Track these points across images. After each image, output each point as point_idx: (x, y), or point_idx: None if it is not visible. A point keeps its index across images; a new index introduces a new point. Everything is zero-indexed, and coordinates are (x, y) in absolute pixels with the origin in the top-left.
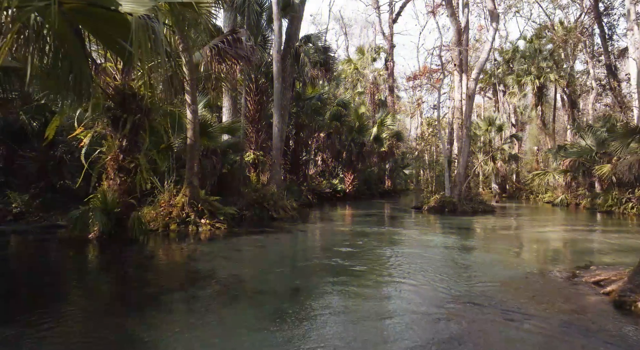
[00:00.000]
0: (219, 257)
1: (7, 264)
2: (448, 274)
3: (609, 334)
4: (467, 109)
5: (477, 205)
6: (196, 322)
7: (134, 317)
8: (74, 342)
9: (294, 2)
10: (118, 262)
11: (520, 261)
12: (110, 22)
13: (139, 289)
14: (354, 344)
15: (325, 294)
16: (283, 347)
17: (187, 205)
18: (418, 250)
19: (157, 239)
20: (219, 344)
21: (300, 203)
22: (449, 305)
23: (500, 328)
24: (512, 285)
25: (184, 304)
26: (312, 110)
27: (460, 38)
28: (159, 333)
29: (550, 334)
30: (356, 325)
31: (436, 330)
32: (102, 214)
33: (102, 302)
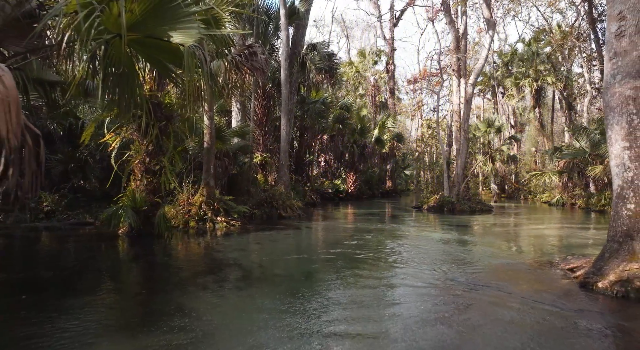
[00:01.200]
0: (237, 249)
1: (60, 255)
2: (442, 261)
3: (569, 305)
4: (465, 113)
5: (475, 204)
6: (228, 296)
7: (178, 293)
8: (137, 312)
9: (299, 11)
10: (151, 253)
11: (509, 253)
12: (161, 49)
13: (175, 273)
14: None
15: (335, 276)
16: (303, 307)
17: (205, 204)
18: (417, 244)
19: (180, 235)
20: (250, 310)
21: (304, 203)
22: (437, 282)
23: (477, 298)
24: (496, 271)
25: (215, 284)
26: (316, 113)
27: (458, 44)
28: (200, 304)
29: (522, 304)
30: (359, 293)
31: (422, 298)
32: (132, 212)
33: (147, 283)
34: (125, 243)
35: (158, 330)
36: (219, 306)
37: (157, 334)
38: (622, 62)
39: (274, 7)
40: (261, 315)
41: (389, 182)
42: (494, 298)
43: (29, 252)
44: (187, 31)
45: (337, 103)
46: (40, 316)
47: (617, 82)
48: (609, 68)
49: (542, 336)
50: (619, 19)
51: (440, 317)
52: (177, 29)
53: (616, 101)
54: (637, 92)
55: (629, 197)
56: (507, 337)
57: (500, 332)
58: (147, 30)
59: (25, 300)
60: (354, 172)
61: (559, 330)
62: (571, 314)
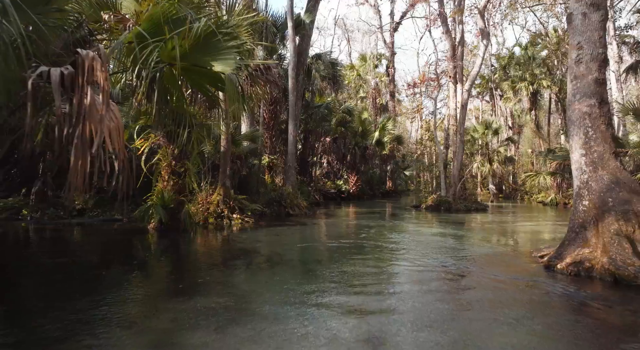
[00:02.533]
0: (255, 241)
1: (109, 244)
2: (435, 250)
3: (532, 280)
4: (461, 117)
5: (470, 204)
6: (255, 274)
7: (215, 272)
8: (189, 283)
9: (305, 23)
10: (184, 244)
11: (494, 245)
12: (203, 75)
13: (208, 258)
14: (360, 279)
15: (343, 262)
16: (318, 280)
17: (222, 202)
18: (415, 237)
19: (201, 230)
20: (274, 282)
21: (308, 202)
22: (428, 265)
23: (460, 276)
24: (479, 258)
25: (242, 267)
26: (319, 117)
27: (454, 53)
28: (234, 279)
29: (495, 279)
30: (365, 271)
31: (419, 275)
32: (161, 209)
33: (189, 265)
34: (158, 236)
35: (208, 295)
36: (248, 281)
37: (209, 297)
38: (580, 84)
39: (281, 19)
40: (283, 286)
41: (389, 183)
42: (474, 276)
43: (83, 242)
44: (226, 61)
45: (340, 107)
46: (120, 286)
47: (577, 100)
48: (571, 88)
49: (507, 293)
50: (578, 48)
51: (431, 287)
52: (218, 60)
53: (576, 116)
54: (591, 109)
55: (585, 195)
56: (483, 295)
57: (478, 294)
58: (193, 60)
59: (104, 275)
60: (356, 173)
61: (520, 291)
62: (530, 283)
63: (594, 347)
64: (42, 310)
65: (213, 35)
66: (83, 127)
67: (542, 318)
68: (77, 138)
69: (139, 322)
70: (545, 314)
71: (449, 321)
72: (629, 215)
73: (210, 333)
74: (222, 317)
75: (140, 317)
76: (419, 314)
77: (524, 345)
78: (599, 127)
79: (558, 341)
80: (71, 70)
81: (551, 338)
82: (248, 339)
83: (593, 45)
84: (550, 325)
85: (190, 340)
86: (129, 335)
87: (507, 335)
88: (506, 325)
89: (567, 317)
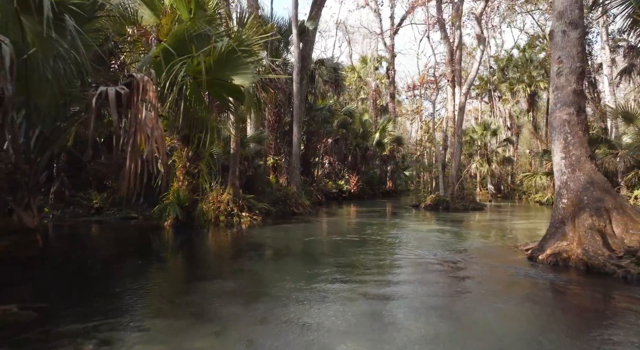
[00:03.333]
0: (265, 236)
1: (135, 239)
2: (431, 244)
3: (515, 269)
4: (459, 119)
5: (468, 203)
6: (268, 262)
7: (233, 262)
8: (213, 270)
9: (308, 30)
10: (201, 239)
11: (486, 240)
12: (224, 87)
13: (225, 251)
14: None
15: (346, 253)
16: (326, 266)
17: (231, 201)
18: (414, 233)
19: (214, 227)
20: (286, 269)
21: (311, 201)
22: (424, 256)
23: (453, 265)
24: (471, 251)
25: (257, 257)
26: (321, 119)
27: (452, 57)
28: (251, 267)
29: (483, 267)
30: (369, 258)
31: (417, 263)
32: (178, 207)
33: (210, 256)
34: (176, 232)
35: (230, 279)
36: (264, 268)
37: (231, 281)
38: (561, 94)
39: (284, 24)
40: (295, 269)
41: (389, 183)
42: (466, 264)
43: (110, 237)
44: (245, 75)
45: (342, 109)
46: (155, 273)
47: (558, 108)
48: (552, 98)
49: (492, 278)
50: (558, 62)
51: (427, 273)
52: (237, 74)
53: (557, 123)
54: (570, 116)
55: (564, 194)
56: (471, 277)
57: (466, 276)
58: (215, 74)
59: (140, 263)
60: (356, 173)
61: (501, 275)
62: (512, 271)
63: (564, 320)
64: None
65: (233, 53)
66: (135, 137)
67: (517, 294)
68: (130, 145)
69: (177, 300)
70: (520, 292)
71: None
72: (601, 211)
73: (239, 306)
74: (246, 295)
75: (178, 295)
76: (418, 294)
77: (496, 312)
78: (577, 133)
79: (529, 314)
80: (127, 90)
81: (522, 311)
82: (270, 311)
83: (572, 59)
84: (523, 300)
85: (223, 311)
86: (172, 307)
87: (487, 307)
88: (488, 300)
89: (540, 296)
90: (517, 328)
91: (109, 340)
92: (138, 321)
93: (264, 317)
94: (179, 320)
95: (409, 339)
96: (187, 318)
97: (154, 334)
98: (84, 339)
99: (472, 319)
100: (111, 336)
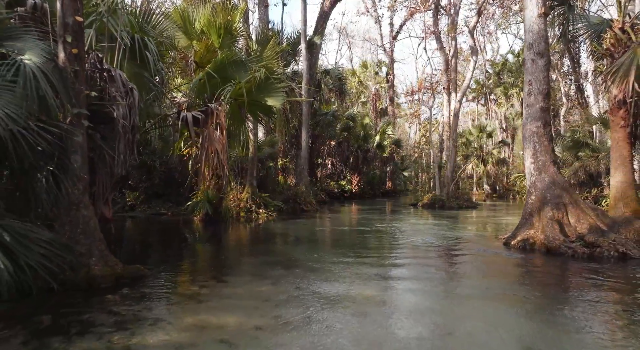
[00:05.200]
0: (283, 228)
1: (179, 231)
2: (426, 235)
3: (492, 253)
4: (454, 124)
5: (462, 202)
6: (294, 245)
7: (264, 246)
8: (250, 250)
9: (315, 43)
10: (230, 231)
11: (473, 232)
12: (258, 106)
13: (256, 238)
14: (365, 249)
15: (356, 239)
16: (340, 249)
17: (250, 199)
18: (412, 227)
19: (236, 221)
20: (311, 250)
21: (316, 200)
22: (421, 243)
23: (443, 249)
24: (460, 240)
25: (283, 242)
26: (325, 123)
27: (448, 66)
28: (280, 248)
29: (467, 251)
30: (374, 241)
31: (409, 247)
32: (208, 204)
33: (245, 241)
34: (208, 225)
35: (266, 256)
36: (292, 248)
37: (268, 257)
38: (531, 111)
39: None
40: (316, 249)
41: (389, 183)
42: (453, 250)
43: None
44: (277, 98)
45: (344, 113)
46: (212, 252)
47: (529, 122)
48: (525, 113)
49: (472, 258)
50: (529, 84)
51: (421, 254)
52: (270, 97)
53: (527, 134)
54: (538, 129)
55: (532, 192)
56: (457, 257)
57: (454, 256)
58: (252, 96)
59: (198, 245)
60: (358, 174)
61: (480, 254)
62: (488, 255)
63: (525, 284)
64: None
65: (267, 80)
66: (208, 149)
67: (492, 265)
68: (205, 155)
69: (237, 268)
70: (493, 264)
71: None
72: (560, 205)
73: (280, 271)
74: (284, 264)
75: (237, 264)
76: (415, 268)
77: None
78: (543, 142)
79: (500, 278)
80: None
81: (494, 272)
82: (304, 273)
83: (539, 82)
84: (496, 268)
85: (272, 273)
86: (236, 271)
87: (468, 275)
88: (467, 266)
89: (509, 267)
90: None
91: (204, 286)
92: (218, 277)
93: (303, 276)
94: (245, 278)
95: (409, 280)
96: (249, 276)
97: (230, 284)
98: (185, 286)
99: (456, 272)
100: (202, 286)
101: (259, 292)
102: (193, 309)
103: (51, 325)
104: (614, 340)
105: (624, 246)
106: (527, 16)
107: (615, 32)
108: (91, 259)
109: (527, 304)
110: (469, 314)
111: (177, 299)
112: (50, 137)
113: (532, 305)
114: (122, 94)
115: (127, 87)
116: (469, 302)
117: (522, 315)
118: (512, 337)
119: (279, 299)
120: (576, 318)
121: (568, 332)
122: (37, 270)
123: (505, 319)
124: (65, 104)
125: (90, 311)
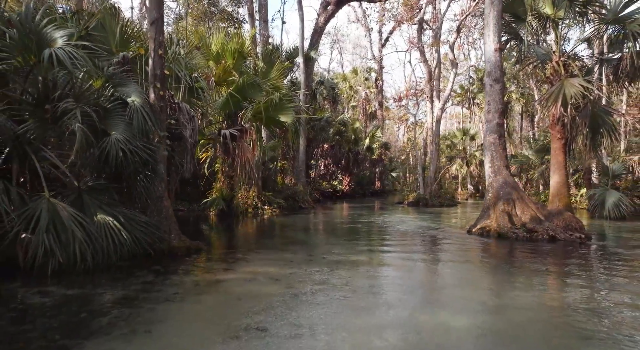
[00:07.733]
0: (289, 221)
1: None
2: (409, 226)
3: (455, 240)
4: (436, 129)
5: (444, 200)
6: (302, 233)
7: (279, 233)
8: (268, 236)
9: (312, 58)
10: (245, 224)
11: (446, 224)
12: (274, 122)
13: (270, 229)
14: (362, 235)
15: (353, 228)
16: (342, 235)
17: (256, 197)
18: (398, 221)
19: (245, 216)
20: (321, 237)
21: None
22: (402, 231)
23: (419, 234)
24: (434, 230)
25: (292, 231)
26: (319, 128)
27: (431, 77)
28: (293, 234)
29: (440, 237)
30: (364, 231)
31: (394, 233)
32: (222, 200)
33: (261, 230)
34: (223, 219)
35: (283, 238)
36: (301, 235)
37: (285, 239)
38: (490, 125)
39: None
40: (322, 235)
41: (377, 183)
42: (427, 236)
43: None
44: (288, 115)
45: (337, 118)
46: (240, 240)
47: (488, 134)
48: (485, 127)
49: (442, 242)
50: (488, 104)
51: (405, 234)
52: (283, 114)
53: (487, 144)
54: (495, 140)
55: (490, 191)
56: (430, 240)
57: (428, 241)
58: (269, 114)
59: (226, 234)
60: (349, 175)
61: (447, 239)
62: (453, 238)
63: (481, 256)
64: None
65: (281, 100)
66: (240, 158)
67: (455, 245)
68: (239, 162)
69: (259, 248)
70: (457, 244)
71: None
72: (509, 201)
73: (296, 247)
74: (296, 244)
75: (258, 246)
76: (395, 247)
77: (444, 254)
78: (499, 151)
79: (462, 252)
80: (238, 133)
81: (457, 250)
82: (316, 249)
83: (496, 103)
84: (459, 246)
85: (291, 248)
86: (259, 249)
87: (438, 251)
88: (438, 248)
89: (468, 246)
90: (454, 254)
91: (245, 254)
92: (254, 250)
93: (313, 250)
94: (272, 250)
95: (391, 253)
96: (274, 250)
97: (263, 254)
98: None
99: (430, 249)
100: (244, 254)
101: (285, 257)
102: (245, 265)
103: (160, 270)
104: (538, 283)
105: (554, 231)
106: (486, 50)
107: (553, 64)
108: (170, 235)
109: (484, 266)
110: (440, 271)
111: (232, 261)
112: (149, 152)
113: (488, 267)
114: (187, 120)
115: (190, 115)
116: (439, 265)
117: (476, 271)
118: (470, 281)
119: (300, 260)
120: (514, 273)
121: (509, 281)
122: (141, 242)
123: (464, 274)
124: (156, 129)
125: (180, 265)
